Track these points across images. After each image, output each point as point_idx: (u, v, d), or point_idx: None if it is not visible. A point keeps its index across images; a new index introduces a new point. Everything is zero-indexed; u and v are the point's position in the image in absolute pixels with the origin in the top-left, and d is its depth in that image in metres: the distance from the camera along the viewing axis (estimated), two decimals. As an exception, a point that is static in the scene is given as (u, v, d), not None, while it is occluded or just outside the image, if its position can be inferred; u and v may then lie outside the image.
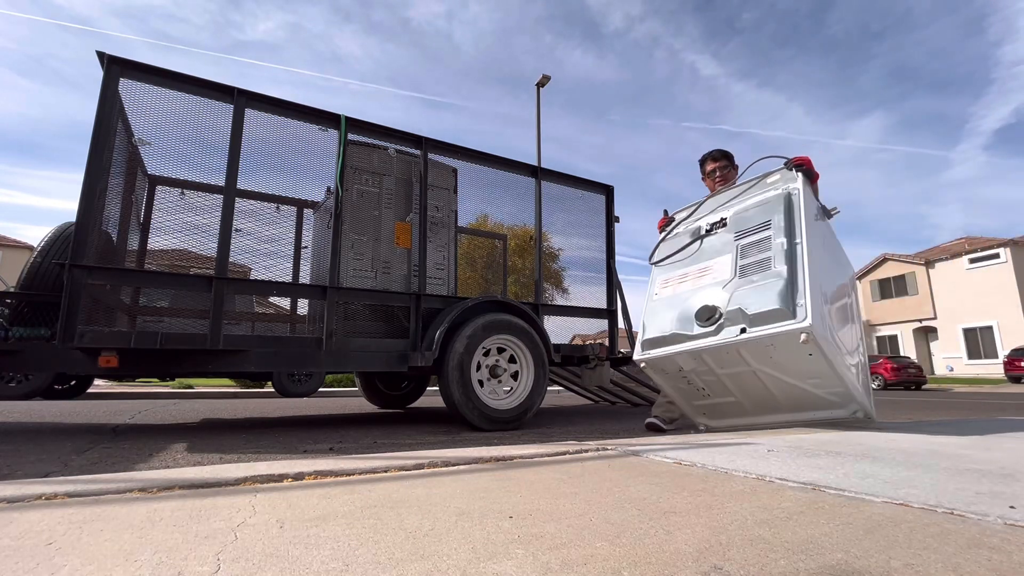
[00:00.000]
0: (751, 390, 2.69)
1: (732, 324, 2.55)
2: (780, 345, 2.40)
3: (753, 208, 2.88)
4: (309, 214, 4.32)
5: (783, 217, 2.68)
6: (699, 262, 2.98)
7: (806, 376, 2.49)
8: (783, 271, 2.52)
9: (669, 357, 2.76)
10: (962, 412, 5.41)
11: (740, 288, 2.63)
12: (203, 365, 2.94)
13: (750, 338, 2.45)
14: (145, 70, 2.88)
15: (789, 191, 2.77)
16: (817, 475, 1.36)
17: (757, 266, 2.66)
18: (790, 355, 2.42)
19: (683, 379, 2.85)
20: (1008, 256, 22.50)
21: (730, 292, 2.65)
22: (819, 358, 2.37)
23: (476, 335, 3.32)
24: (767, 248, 2.67)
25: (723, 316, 2.59)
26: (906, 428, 2.61)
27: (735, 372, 2.64)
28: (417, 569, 0.72)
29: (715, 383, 2.76)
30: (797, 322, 2.33)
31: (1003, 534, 0.87)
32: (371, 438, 2.89)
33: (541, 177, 4.28)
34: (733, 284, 2.69)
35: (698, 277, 2.92)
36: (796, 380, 2.53)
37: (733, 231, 2.90)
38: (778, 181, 2.89)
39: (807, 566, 0.73)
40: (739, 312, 2.52)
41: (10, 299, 3.19)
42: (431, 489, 1.20)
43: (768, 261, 2.62)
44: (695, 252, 3.06)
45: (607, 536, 0.87)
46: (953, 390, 14.16)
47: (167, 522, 0.92)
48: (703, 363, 2.69)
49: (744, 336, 2.47)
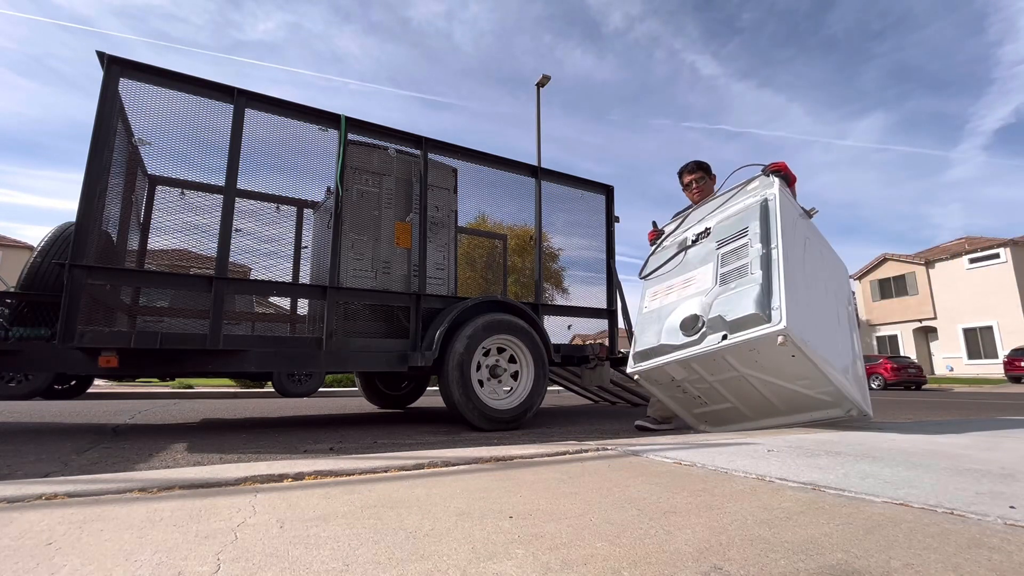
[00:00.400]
0: (746, 395, 2.70)
1: (714, 332, 2.58)
2: (762, 349, 2.42)
3: (733, 216, 2.97)
4: (309, 214, 4.31)
5: (759, 223, 2.75)
6: (683, 273, 3.04)
7: (794, 378, 2.51)
8: (759, 276, 2.56)
9: (659, 368, 2.79)
10: (962, 412, 5.41)
11: (720, 296, 2.67)
12: (203, 365, 2.94)
13: (730, 344, 2.48)
14: (145, 70, 2.88)
15: (766, 197, 2.86)
16: (817, 475, 1.36)
17: (736, 273, 2.71)
18: (774, 358, 2.44)
19: (678, 388, 2.87)
20: (1008, 256, 22.51)
21: (711, 300, 2.69)
22: (802, 359, 2.39)
23: (476, 335, 3.32)
24: (744, 255, 2.72)
25: (705, 324, 2.63)
26: (906, 428, 2.62)
27: (726, 378, 2.66)
28: (417, 569, 0.72)
29: (709, 390, 2.78)
30: (772, 325, 2.36)
31: (1003, 534, 0.87)
32: (371, 438, 2.89)
33: (541, 177, 4.28)
34: (714, 292, 2.73)
35: (683, 288, 2.97)
36: (785, 382, 2.54)
37: (715, 240, 2.97)
38: (757, 188, 2.97)
39: (807, 566, 0.73)
40: (719, 319, 2.56)
41: (10, 299, 3.18)
42: (431, 489, 1.20)
43: (746, 268, 2.67)
44: (680, 263, 3.12)
45: (607, 536, 0.87)
46: (953, 390, 14.16)
47: (167, 522, 0.92)
48: (694, 372, 2.71)
49: (725, 343, 2.50)
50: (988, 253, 23.29)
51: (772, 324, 2.37)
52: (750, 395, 2.68)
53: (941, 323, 24.85)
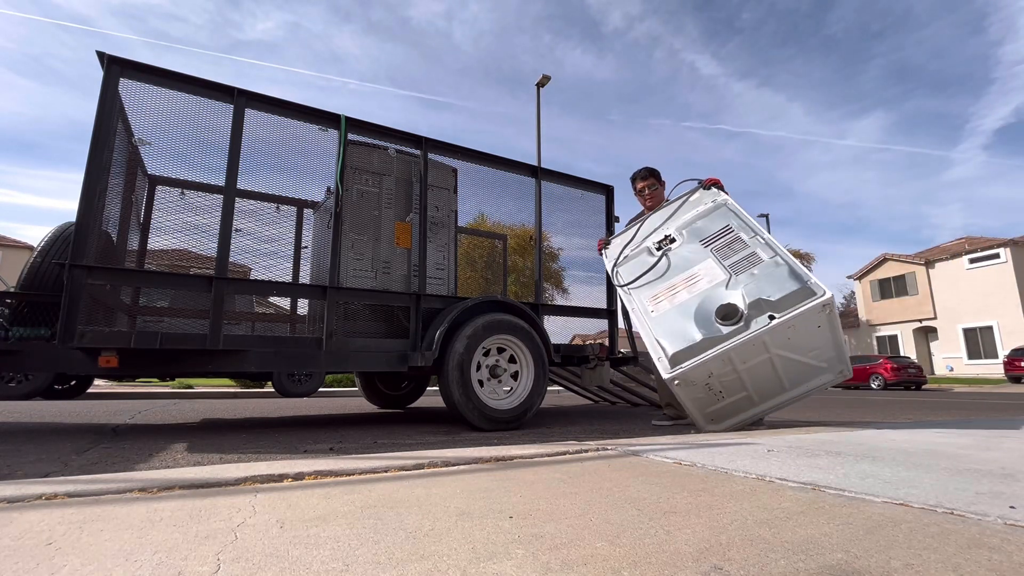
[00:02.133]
0: (762, 379, 2.77)
1: (759, 314, 2.68)
2: (799, 324, 2.59)
3: (701, 220, 3.22)
4: (309, 214, 4.31)
5: (736, 219, 3.05)
6: (679, 273, 3.09)
7: (809, 350, 2.69)
8: (777, 259, 2.77)
9: (703, 364, 2.72)
10: (962, 412, 5.41)
11: (747, 283, 2.78)
12: (203, 365, 2.94)
13: (780, 322, 2.60)
14: (145, 70, 2.88)
15: (724, 201, 3.20)
16: (817, 475, 1.36)
17: (746, 262, 2.86)
18: (805, 332, 2.62)
19: (705, 387, 2.83)
20: (1008, 256, 22.50)
21: (739, 288, 2.78)
22: (825, 329, 2.60)
23: (476, 335, 3.32)
24: (744, 246, 2.93)
25: (746, 310, 2.71)
26: (906, 428, 2.62)
27: (753, 364, 2.71)
28: (417, 569, 0.72)
29: (733, 381, 2.78)
30: (819, 297, 2.57)
31: (1003, 534, 0.87)
32: (371, 438, 2.89)
33: (541, 177, 4.28)
34: (736, 281, 2.81)
35: (689, 285, 2.99)
36: (801, 356, 2.70)
37: (695, 241, 3.14)
38: (701, 198, 3.32)
39: (807, 566, 0.73)
40: (761, 302, 2.68)
41: (10, 299, 3.19)
42: (431, 489, 1.20)
43: (754, 256, 2.85)
44: (666, 267, 3.18)
45: (607, 536, 0.87)
46: (953, 390, 14.16)
47: (167, 522, 0.92)
48: (728, 363, 2.71)
49: (775, 322, 2.61)
50: (988, 253, 23.29)
51: (817, 296, 2.56)
52: (766, 378, 2.77)
53: (941, 323, 24.84)
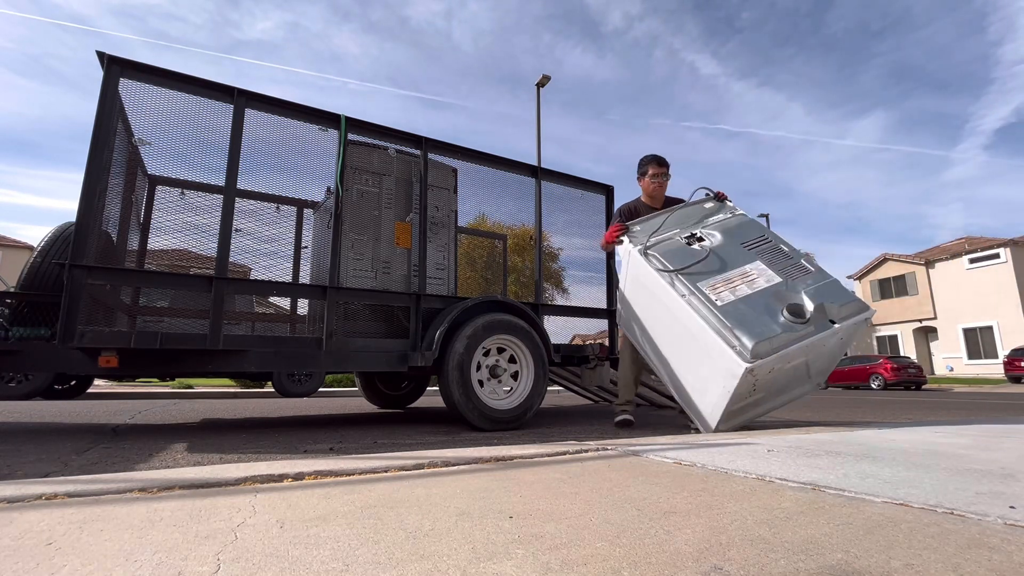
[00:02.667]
0: (781, 381, 2.82)
1: (823, 318, 2.79)
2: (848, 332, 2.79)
3: (731, 225, 3.31)
4: (309, 214, 4.31)
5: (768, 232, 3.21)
6: (732, 268, 3.02)
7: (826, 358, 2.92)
8: (822, 272, 2.96)
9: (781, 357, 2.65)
10: (962, 412, 5.41)
11: (805, 288, 2.90)
12: (203, 365, 2.94)
13: (844, 326, 2.74)
14: (145, 70, 2.88)
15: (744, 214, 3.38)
16: (817, 475, 1.36)
17: (795, 269, 3.01)
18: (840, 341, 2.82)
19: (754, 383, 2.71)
20: (1008, 256, 22.50)
21: (799, 291, 2.87)
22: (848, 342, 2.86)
23: (476, 335, 3.32)
24: (788, 256, 3.07)
25: (811, 312, 2.80)
26: (906, 428, 2.62)
27: (794, 364, 2.76)
28: (417, 569, 0.72)
29: (773, 381, 2.73)
30: (868, 311, 2.83)
31: (1003, 534, 0.87)
32: (371, 438, 2.89)
33: (541, 177, 4.28)
34: (794, 285, 2.91)
35: (746, 280, 2.93)
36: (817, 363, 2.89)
37: (736, 243, 3.16)
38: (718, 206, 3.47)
39: (807, 566, 0.73)
40: (824, 307, 2.81)
41: (10, 299, 3.19)
42: (431, 489, 1.20)
43: (801, 265, 3.03)
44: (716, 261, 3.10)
45: (607, 536, 0.87)
46: (953, 390, 14.16)
47: (167, 522, 0.92)
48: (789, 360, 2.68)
49: (839, 326, 2.74)
50: (988, 253, 23.29)
51: (868, 311, 2.83)
52: (784, 380, 2.84)
53: (941, 323, 24.85)
